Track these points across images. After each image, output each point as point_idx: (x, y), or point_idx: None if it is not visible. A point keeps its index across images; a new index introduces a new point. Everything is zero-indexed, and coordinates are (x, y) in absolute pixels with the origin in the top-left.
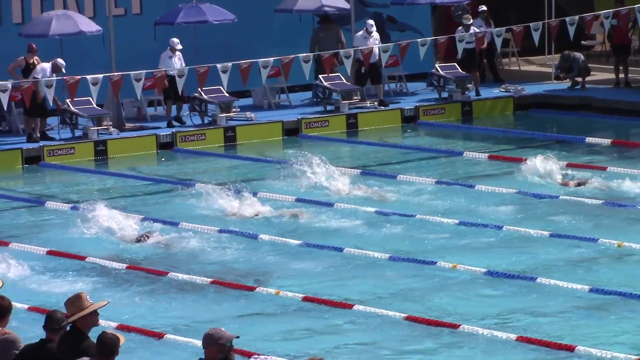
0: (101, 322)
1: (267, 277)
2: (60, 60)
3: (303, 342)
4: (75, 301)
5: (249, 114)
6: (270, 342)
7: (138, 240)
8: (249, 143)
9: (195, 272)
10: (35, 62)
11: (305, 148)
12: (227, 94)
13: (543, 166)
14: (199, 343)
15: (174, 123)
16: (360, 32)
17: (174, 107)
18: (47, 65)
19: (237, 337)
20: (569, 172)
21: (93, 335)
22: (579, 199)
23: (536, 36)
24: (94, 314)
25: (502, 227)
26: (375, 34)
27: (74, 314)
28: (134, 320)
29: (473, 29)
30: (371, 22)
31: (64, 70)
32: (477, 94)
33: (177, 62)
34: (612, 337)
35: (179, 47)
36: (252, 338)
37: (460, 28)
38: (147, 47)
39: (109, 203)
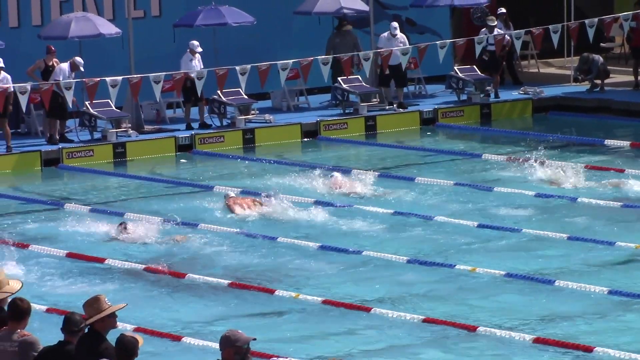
0: (119, 324)
1: (286, 279)
2: (78, 59)
3: (321, 345)
4: (93, 303)
5: (267, 116)
6: (289, 344)
7: (157, 242)
8: (267, 145)
9: (214, 274)
10: (55, 64)
11: (323, 150)
12: (245, 96)
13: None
14: (216, 345)
15: (193, 126)
16: (385, 34)
17: (194, 110)
18: (65, 66)
19: (254, 339)
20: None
21: (111, 337)
22: (598, 201)
23: (555, 38)
24: (112, 316)
25: (520, 229)
26: (401, 37)
27: (92, 316)
28: (152, 323)
29: (497, 31)
30: (395, 24)
31: (82, 69)
32: (496, 96)
33: (197, 65)
34: (630, 339)
35: (199, 49)
36: (271, 340)
37: (483, 30)
38: (166, 49)
39: (126, 205)
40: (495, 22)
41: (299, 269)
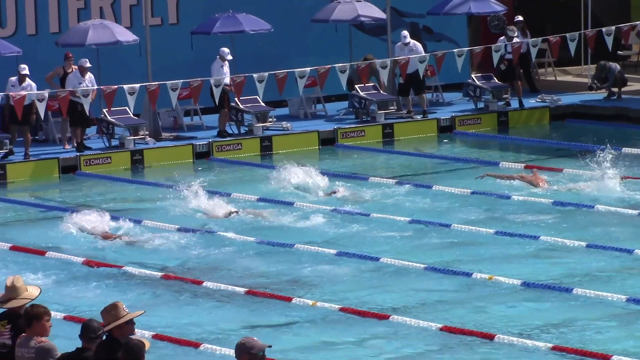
0: (137, 331)
1: (303, 286)
2: (82, 61)
3: (338, 353)
4: (111, 310)
5: (285, 124)
6: (305, 352)
7: (175, 249)
8: (285, 153)
9: (231, 281)
10: (74, 71)
11: (341, 158)
12: (263, 104)
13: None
14: (233, 352)
15: (212, 134)
16: (399, 43)
17: (214, 117)
18: (75, 72)
19: (270, 346)
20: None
21: None
22: (616, 209)
23: (572, 46)
24: (130, 323)
25: (538, 237)
26: (413, 44)
27: (110, 323)
28: (170, 330)
29: (516, 40)
30: (404, 33)
31: (89, 64)
32: (520, 104)
33: (227, 72)
34: None
35: (229, 57)
36: (287, 348)
37: (502, 38)
38: (183, 56)
39: (143, 212)
40: (516, 33)
41: (316, 276)
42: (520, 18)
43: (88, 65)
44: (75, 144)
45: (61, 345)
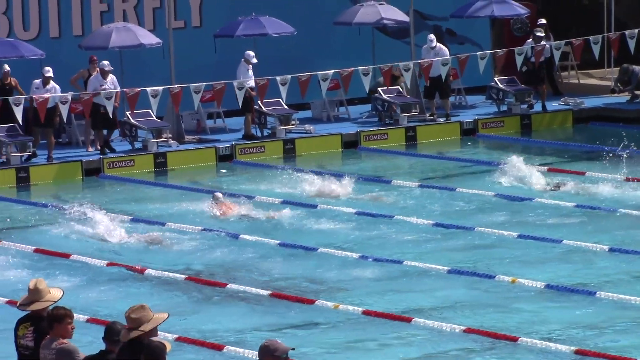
0: (160, 334)
1: (326, 289)
2: (102, 63)
3: (361, 356)
4: (138, 312)
5: (308, 127)
6: (328, 354)
7: (198, 252)
8: (307, 155)
9: (255, 284)
10: (96, 73)
11: (364, 160)
12: (286, 107)
13: (521, 168)
14: (257, 354)
15: (236, 137)
16: (425, 45)
17: (239, 120)
18: (96, 75)
19: (293, 349)
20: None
21: None
22: (639, 212)
23: (596, 49)
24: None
25: (561, 240)
26: (440, 49)
27: (136, 325)
28: (193, 332)
29: (544, 43)
30: (431, 36)
31: (110, 67)
32: (543, 107)
33: (251, 74)
34: None
35: (254, 60)
36: (310, 351)
37: (529, 40)
38: (206, 59)
39: (167, 215)
40: (543, 34)
41: (339, 279)
42: (544, 21)
43: (107, 69)
44: (98, 147)
45: (84, 347)
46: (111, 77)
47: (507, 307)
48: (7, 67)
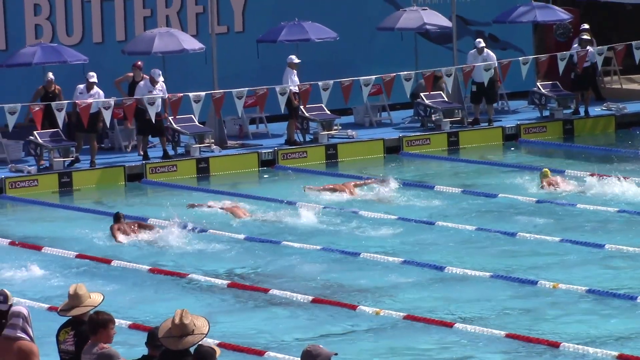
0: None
1: (368, 294)
2: (153, 71)
3: None
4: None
5: (350, 132)
6: None
7: (240, 257)
8: (350, 160)
9: (296, 289)
10: (144, 79)
11: (406, 166)
12: (328, 112)
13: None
14: None
15: (279, 142)
16: (473, 51)
17: (283, 125)
18: (145, 81)
19: (336, 354)
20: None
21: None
22: None
23: (638, 55)
24: None
25: (603, 245)
26: (487, 54)
27: (180, 334)
28: (235, 337)
29: (590, 49)
30: (479, 40)
31: (161, 79)
32: (586, 113)
33: (296, 80)
34: None
35: (297, 60)
36: (352, 356)
37: (576, 45)
38: (249, 64)
39: (209, 220)
40: (589, 37)
41: (381, 284)
42: (586, 26)
43: (158, 79)
44: (141, 152)
45: (126, 353)
46: (161, 85)
47: (549, 312)
48: (51, 75)
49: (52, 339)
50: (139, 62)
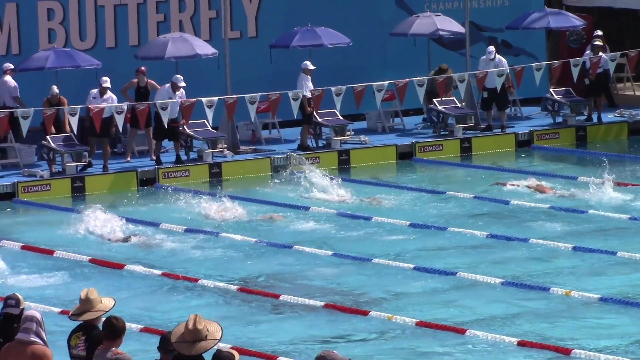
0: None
1: (380, 300)
2: (175, 77)
3: None
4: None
5: (362, 137)
6: None
7: (252, 263)
8: (362, 166)
9: (308, 294)
10: (149, 86)
11: (418, 172)
12: (341, 117)
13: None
14: None
15: (291, 147)
16: (484, 57)
17: (296, 131)
18: (166, 86)
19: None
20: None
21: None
22: None
23: None
24: None
25: (616, 252)
26: (499, 61)
27: (194, 338)
28: (248, 342)
29: (602, 55)
30: (491, 48)
31: (182, 84)
32: (599, 119)
33: (310, 85)
34: None
35: (312, 67)
36: None
37: (588, 52)
38: (262, 70)
39: (223, 226)
40: (602, 44)
41: (393, 290)
42: (600, 33)
43: (181, 84)
44: (153, 157)
45: (138, 358)
46: (182, 92)
47: (561, 319)
48: (55, 89)
49: (64, 342)
50: (142, 68)
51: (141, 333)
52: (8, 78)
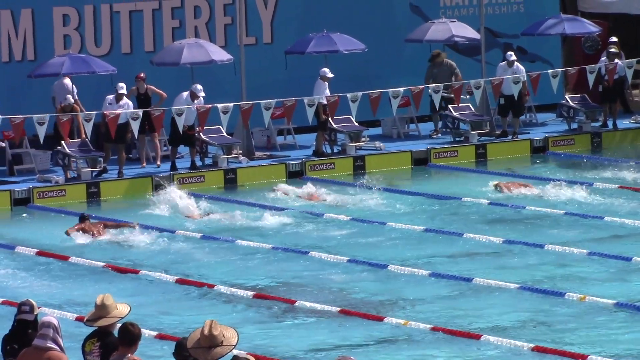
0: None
1: (395, 306)
2: (194, 87)
3: None
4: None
5: (378, 144)
6: None
7: (267, 268)
8: (377, 172)
9: (324, 300)
10: (149, 92)
11: (434, 178)
12: (356, 124)
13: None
14: None
15: (305, 153)
16: (502, 63)
17: (311, 137)
18: (185, 95)
19: None
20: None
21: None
22: None
23: None
24: None
25: (631, 258)
26: (517, 67)
27: (210, 344)
28: (263, 349)
29: (619, 62)
30: (510, 53)
31: (202, 94)
32: (614, 125)
33: (328, 93)
34: None
35: (330, 75)
36: None
37: (604, 58)
38: (277, 76)
39: (236, 233)
40: (617, 50)
41: (408, 295)
42: (615, 39)
43: (200, 94)
44: (160, 163)
45: None
46: (200, 100)
47: (576, 325)
48: (70, 99)
49: (78, 347)
50: (142, 74)
51: (156, 339)
52: (67, 81)
